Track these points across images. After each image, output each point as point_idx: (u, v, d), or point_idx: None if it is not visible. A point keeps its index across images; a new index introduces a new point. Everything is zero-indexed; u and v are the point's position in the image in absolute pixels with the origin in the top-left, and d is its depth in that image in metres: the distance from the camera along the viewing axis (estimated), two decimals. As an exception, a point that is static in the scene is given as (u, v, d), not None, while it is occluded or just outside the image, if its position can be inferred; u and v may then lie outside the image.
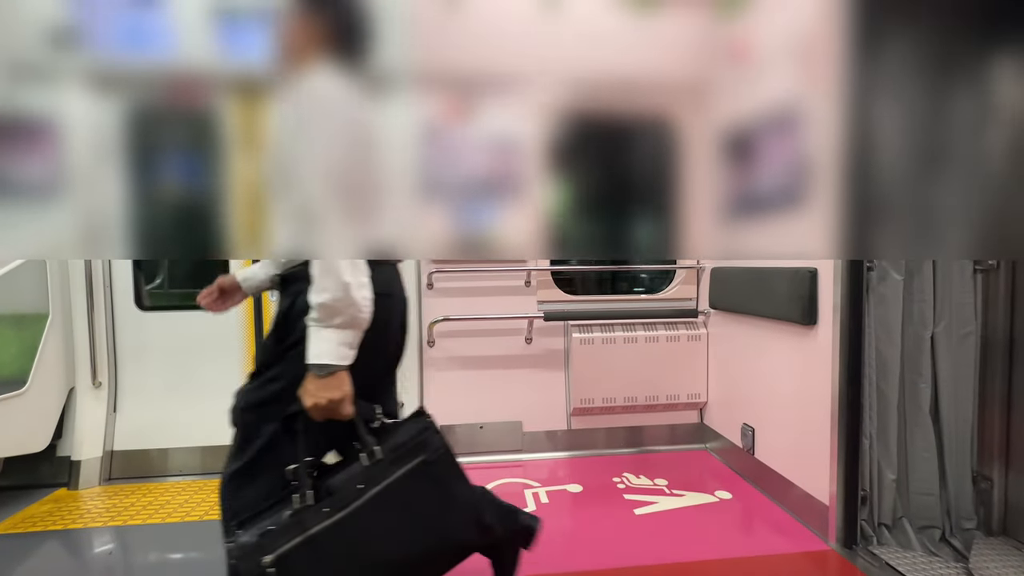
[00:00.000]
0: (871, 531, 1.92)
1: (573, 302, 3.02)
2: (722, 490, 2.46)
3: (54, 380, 2.56)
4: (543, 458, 2.90)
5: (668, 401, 2.98)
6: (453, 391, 2.92)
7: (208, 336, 2.81)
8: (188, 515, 2.26)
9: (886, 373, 1.90)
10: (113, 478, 2.66)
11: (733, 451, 2.71)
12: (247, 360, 2.84)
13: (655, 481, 2.58)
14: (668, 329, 2.98)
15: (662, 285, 3.19)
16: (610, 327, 2.96)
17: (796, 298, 2.08)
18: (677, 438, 3.05)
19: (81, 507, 2.36)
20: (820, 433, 2.03)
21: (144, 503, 2.39)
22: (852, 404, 1.92)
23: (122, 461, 2.68)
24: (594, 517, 2.21)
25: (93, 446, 2.60)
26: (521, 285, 2.96)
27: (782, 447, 2.31)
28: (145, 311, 2.78)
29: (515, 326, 2.96)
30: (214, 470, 2.71)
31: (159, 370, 2.79)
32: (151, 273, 2.82)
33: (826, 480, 2.00)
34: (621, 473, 2.68)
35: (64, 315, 2.60)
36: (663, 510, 2.27)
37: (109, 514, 2.28)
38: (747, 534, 2.09)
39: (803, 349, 2.13)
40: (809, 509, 2.10)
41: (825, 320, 1.99)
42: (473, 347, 2.95)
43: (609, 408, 2.95)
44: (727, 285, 2.67)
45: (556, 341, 3.00)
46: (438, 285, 2.90)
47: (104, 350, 2.67)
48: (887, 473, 1.90)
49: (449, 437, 3.02)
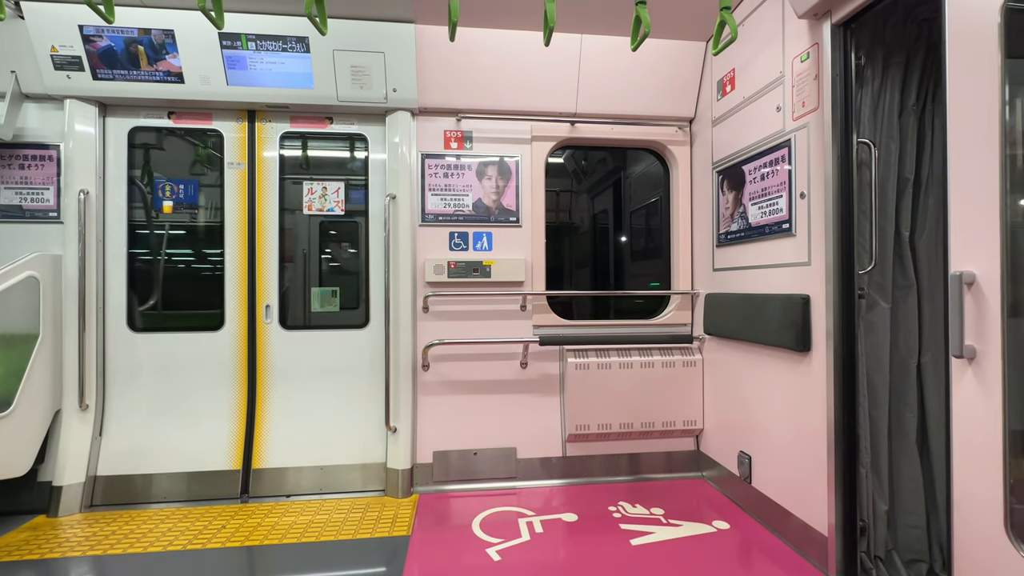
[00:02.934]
0: (870, 563, 1.88)
1: (568, 327, 3.02)
2: (720, 520, 2.42)
3: (40, 402, 2.51)
4: (538, 486, 2.85)
5: (664, 428, 2.96)
6: (447, 416, 2.89)
7: (200, 360, 2.79)
8: (170, 544, 2.19)
9: (876, 401, 1.90)
10: (95, 505, 2.59)
11: (730, 480, 2.67)
12: (240, 385, 2.81)
13: (651, 510, 2.53)
14: (663, 355, 2.98)
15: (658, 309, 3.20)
16: (605, 352, 2.96)
17: (790, 325, 2.09)
18: (673, 466, 3.01)
19: (60, 535, 2.28)
20: (817, 462, 2.01)
21: (126, 531, 2.31)
22: (848, 432, 1.90)
23: (105, 487, 2.61)
24: (589, 548, 2.16)
25: (76, 471, 2.53)
26: (517, 309, 2.97)
27: (779, 476, 2.28)
28: (137, 332, 2.76)
29: (510, 350, 2.95)
30: (200, 497, 2.64)
31: (149, 393, 2.74)
32: (145, 294, 2.81)
33: (824, 510, 1.97)
34: (617, 502, 2.63)
35: (55, 336, 2.57)
36: (660, 540, 2.22)
37: (88, 543, 2.21)
38: (747, 568, 2.04)
39: (798, 376, 2.13)
40: (808, 540, 2.07)
41: (819, 347, 2.00)
42: (468, 371, 2.93)
43: (605, 435, 2.92)
44: (721, 311, 2.69)
45: (551, 366, 2.99)
46: (433, 308, 2.90)
47: (93, 372, 2.63)
48: (880, 504, 1.88)
49: (443, 464, 3.00)
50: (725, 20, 1.63)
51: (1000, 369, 1.38)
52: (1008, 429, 1.36)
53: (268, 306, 2.84)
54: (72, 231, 2.58)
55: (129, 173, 2.77)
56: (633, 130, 3.06)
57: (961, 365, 1.48)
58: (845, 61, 1.91)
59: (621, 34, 2.82)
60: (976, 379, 1.45)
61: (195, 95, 2.65)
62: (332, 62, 2.64)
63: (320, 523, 2.39)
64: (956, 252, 1.49)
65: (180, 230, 2.85)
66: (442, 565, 2.03)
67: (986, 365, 1.41)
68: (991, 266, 1.39)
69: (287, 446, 2.76)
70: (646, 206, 3.56)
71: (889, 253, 1.90)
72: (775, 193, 2.27)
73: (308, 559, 2.08)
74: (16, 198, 2.68)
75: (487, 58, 2.80)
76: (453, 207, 2.94)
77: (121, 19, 2.48)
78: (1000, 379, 1.38)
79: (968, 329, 1.44)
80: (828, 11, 1.93)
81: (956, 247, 1.49)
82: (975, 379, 1.45)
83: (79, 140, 2.62)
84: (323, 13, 1.59)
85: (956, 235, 1.49)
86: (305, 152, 2.93)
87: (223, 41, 2.57)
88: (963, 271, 1.44)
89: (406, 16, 2.62)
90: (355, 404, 2.87)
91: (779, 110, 2.22)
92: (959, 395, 1.50)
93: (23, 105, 2.66)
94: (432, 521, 2.43)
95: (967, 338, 1.44)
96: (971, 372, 1.46)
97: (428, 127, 2.93)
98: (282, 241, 2.87)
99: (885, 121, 1.90)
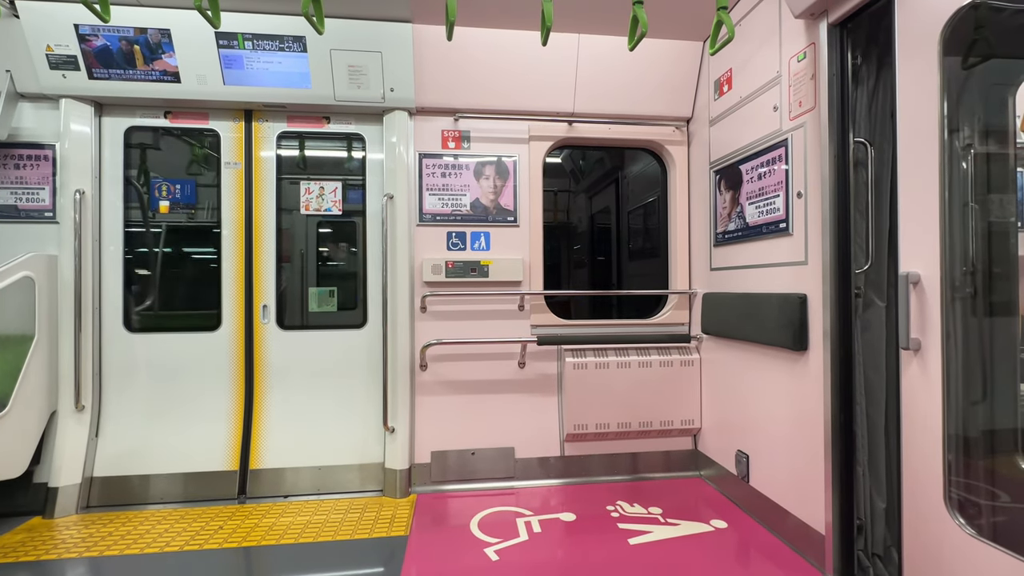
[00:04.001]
0: (867, 561, 1.89)
1: (566, 326, 3.02)
2: (717, 519, 2.42)
3: (36, 403, 2.50)
4: (536, 485, 2.85)
5: (662, 427, 2.96)
6: (445, 416, 2.89)
7: (197, 360, 2.78)
8: (167, 545, 2.18)
9: (873, 399, 1.90)
10: (91, 506, 2.58)
11: (728, 478, 2.68)
12: (237, 385, 2.80)
13: (649, 510, 2.54)
14: (661, 354, 2.99)
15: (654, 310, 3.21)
16: (603, 351, 2.96)
17: (786, 324, 2.10)
18: (671, 465, 3.02)
19: (56, 537, 2.27)
20: (814, 460, 2.01)
21: (122, 532, 2.30)
22: (845, 431, 1.91)
23: (101, 488, 2.59)
24: (587, 548, 2.16)
25: (72, 472, 2.52)
26: (515, 309, 2.97)
27: (777, 474, 2.28)
28: (134, 333, 2.75)
29: (508, 350, 2.95)
30: (197, 498, 2.64)
31: (145, 394, 2.73)
32: (142, 294, 2.80)
33: (821, 509, 1.98)
34: (615, 501, 2.64)
35: (50, 336, 2.56)
36: (658, 540, 2.22)
37: (84, 544, 2.20)
38: (744, 566, 2.04)
39: (795, 375, 2.14)
40: (805, 539, 2.07)
41: (816, 346, 2.01)
42: (466, 371, 2.93)
43: (603, 434, 2.92)
44: (719, 311, 2.69)
45: (549, 365, 2.99)
46: (431, 308, 2.90)
47: (89, 372, 2.62)
48: (878, 502, 1.88)
49: (441, 464, 3.00)
50: (722, 20, 1.63)
51: (940, 359, 1.53)
52: (947, 413, 1.52)
53: (265, 306, 2.83)
54: (68, 231, 2.57)
55: (125, 173, 2.76)
56: (630, 130, 3.06)
57: (908, 356, 1.64)
58: (841, 61, 1.92)
59: (618, 34, 2.82)
60: (920, 368, 1.61)
61: (191, 95, 2.64)
62: (329, 62, 2.64)
63: (318, 523, 2.39)
64: (904, 254, 1.65)
65: (177, 230, 2.84)
66: (440, 565, 2.02)
67: (928, 356, 1.57)
68: (933, 267, 1.54)
69: (284, 446, 2.75)
70: (644, 206, 3.56)
71: (885, 252, 1.90)
72: (772, 192, 2.27)
73: (305, 560, 2.07)
74: (11, 198, 2.67)
75: (485, 58, 2.80)
76: (451, 207, 2.93)
77: (117, 18, 2.47)
78: (940, 368, 1.53)
79: (913, 324, 1.60)
80: (824, 11, 1.93)
81: (904, 249, 1.64)
82: (919, 369, 1.61)
83: (75, 140, 2.61)
84: (320, 12, 1.58)
85: (904, 238, 1.65)
86: (302, 152, 2.92)
87: (219, 40, 2.56)
88: (909, 272, 1.60)
89: (403, 16, 2.62)
90: (353, 404, 2.86)
91: (776, 110, 2.23)
92: (906, 383, 1.65)
93: (18, 104, 2.65)
94: (430, 521, 2.42)
95: (912, 332, 1.60)
96: (916, 362, 1.62)
97: (426, 127, 2.92)
98: (279, 241, 2.86)
99: (881, 120, 1.90)
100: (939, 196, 1.53)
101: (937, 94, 1.53)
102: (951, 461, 1.50)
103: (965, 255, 1.57)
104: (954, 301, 1.55)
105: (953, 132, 1.57)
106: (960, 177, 1.58)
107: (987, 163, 1.61)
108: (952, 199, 1.55)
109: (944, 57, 1.52)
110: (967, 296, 1.56)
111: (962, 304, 1.56)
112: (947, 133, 1.53)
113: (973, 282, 1.58)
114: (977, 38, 1.55)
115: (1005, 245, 1.57)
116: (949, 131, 1.54)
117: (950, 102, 1.55)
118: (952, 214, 1.55)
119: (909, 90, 1.61)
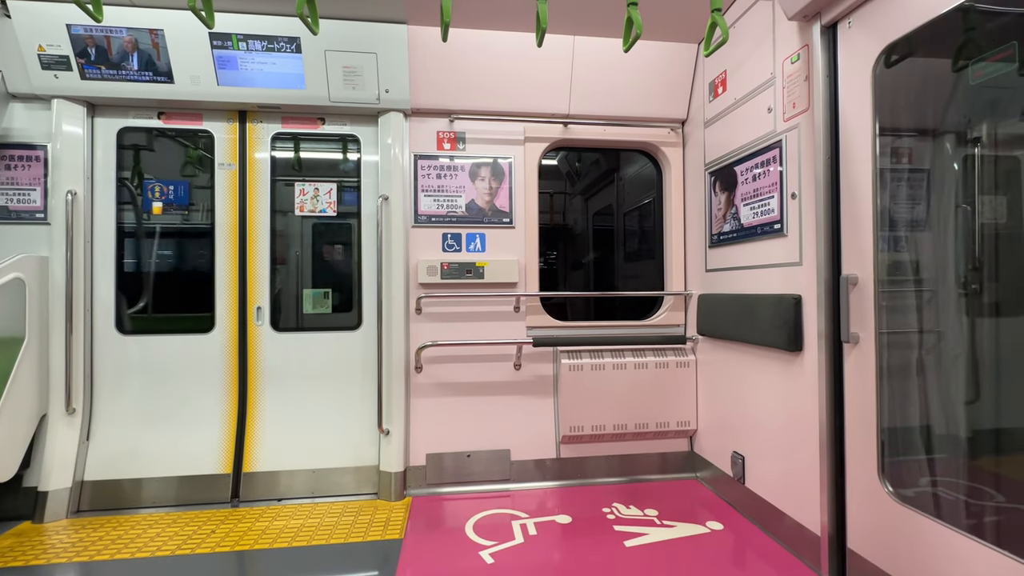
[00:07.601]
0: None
1: (562, 328, 3.01)
2: (713, 520, 2.42)
3: (26, 406, 2.47)
4: (531, 488, 2.84)
5: (658, 429, 2.96)
6: (440, 418, 2.87)
7: (191, 362, 2.75)
8: (159, 550, 2.16)
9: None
10: (82, 510, 2.55)
11: (724, 480, 2.67)
12: (231, 388, 2.78)
13: (645, 511, 2.53)
14: (657, 356, 2.98)
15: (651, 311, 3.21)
16: (599, 353, 2.95)
17: (781, 325, 2.10)
18: (667, 467, 3.01)
19: (45, 542, 2.24)
20: (809, 462, 2.01)
21: (113, 537, 2.28)
22: (839, 431, 1.91)
23: (92, 492, 2.57)
24: (583, 550, 2.15)
25: (62, 476, 2.49)
26: (510, 310, 2.96)
27: (772, 476, 2.28)
28: (126, 335, 2.73)
29: (504, 352, 2.94)
30: (189, 501, 2.61)
31: (137, 396, 2.71)
32: (134, 296, 2.77)
33: (816, 510, 1.98)
34: (611, 503, 2.63)
35: (41, 339, 2.53)
36: (654, 542, 2.22)
37: (75, 549, 2.17)
38: (740, 568, 2.04)
39: (790, 376, 2.14)
40: (801, 540, 2.07)
41: (810, 346, 2.01)
42: (461, 373, 2.91)
43: (598, 436, 2.91)
44: (714, 312, 2.69)
45: (545, 367, 2.98)
46: (426, 310, 2.89)
47: (80, 375, 2.60)
48: (876, 502, 1.89)
49: (436, 466, 2.98)
50: (716, 22, 1.63)
51: (874, 350, 1.74)
52: (880, 396, 1.73)
53: (259, 308, 2.82)
54: (59, 232, 2.54)
55: (118, 174, 2.74)
56: (626, 131, 3.07)
57: (848, 348, 1.85)
58: (835, 62, 1.93)
59: (613, 35, 2.83)
60: (857, 359, 1.81)
61: (185, 95, 2.62)
62: (324, 62, 2.63)
63: (312, 527, 2.37)
64: (845, 258, 1.86)
65: (170, 232, 2.82)
66: (435, 568, 2.01)
67: (865, 348, 1.78)
68: (867, 270, 1.76)
69: (278, 449, 2.73)
70: (639, 207, 3.57)
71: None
72: (767, 194, 2.28)
73: (299, 564, 2.05)
74: (2, 199, 2.64)
75: (480, 59, 2.80)
76: (446, 208, 2.93)
77: (110, 18, 2.46)
78: (874, 358, 1.74)
79: (853, 320, 1.81)
80: (818, 13, 1.94)
81: (845, 254, 1.86)
82: (857, 359, 1.81)
83: (67, 140, 2.59)
84: (315, 13, 1.58)
85: (845, 245, 1.86)
86: (297, 153, 2.91)
87: (213, 41, 2.55)
88: (848, 274, 1.82)
89: (399, 17, 2.61)
90: (347, 407, 2.84)
91: (770, 111, 2.23)
92: (848, 373, 1.86)
93: (10, 105, 2.63)
94: (425, 524, 2.41)
95: (852, 327, 1.81)
96: (854, 354, 1.82)
97: (421, 128, 2.92)
98: (273, 243, 2.84)
99: (874, 122, 1.92)
100: (872, 209, 1.73)
101: (871, 114, 1.73)
102: (883, 440, 1.73)
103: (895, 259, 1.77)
104: (882, 299, 1.75)
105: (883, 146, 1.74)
106: (887, 186, 1.75)
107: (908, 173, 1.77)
108: (882, 208, 1.74)
109: (876, 89, 1.72)
110: (897, 295, 1.76)
111: (889, 301, 1.76)
112: (878, 147, 1.73)
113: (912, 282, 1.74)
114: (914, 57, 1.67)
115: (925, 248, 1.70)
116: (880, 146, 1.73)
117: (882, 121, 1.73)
118: (883, 221, 1.74)
119: (850, 107, 1.82)
